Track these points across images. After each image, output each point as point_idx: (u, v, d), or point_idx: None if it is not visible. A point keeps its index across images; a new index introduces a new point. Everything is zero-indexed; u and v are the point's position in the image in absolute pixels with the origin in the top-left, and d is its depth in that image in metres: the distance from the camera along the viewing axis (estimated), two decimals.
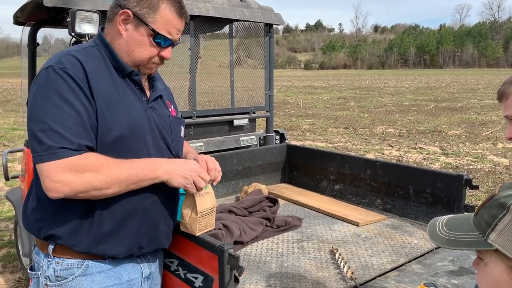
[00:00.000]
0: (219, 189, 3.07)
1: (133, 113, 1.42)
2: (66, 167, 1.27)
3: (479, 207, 0.79)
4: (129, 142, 1.40)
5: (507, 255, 0.71)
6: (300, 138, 10.66)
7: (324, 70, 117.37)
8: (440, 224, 0.86)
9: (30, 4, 2.75)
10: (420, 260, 2.06)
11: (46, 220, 1.40)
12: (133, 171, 1.35)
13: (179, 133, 1.63)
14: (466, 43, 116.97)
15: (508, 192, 0.74)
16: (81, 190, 1.29)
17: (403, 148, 9.23)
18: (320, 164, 3.20)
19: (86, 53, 1.41)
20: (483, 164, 7.67)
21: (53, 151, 1.26)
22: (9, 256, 4.10)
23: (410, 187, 2.63)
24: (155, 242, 1.53)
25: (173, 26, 1.44)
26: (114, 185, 1.32)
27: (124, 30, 1.43)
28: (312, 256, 2.12)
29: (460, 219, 0.84)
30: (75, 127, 1.29)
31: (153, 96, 1.53)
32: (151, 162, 1.41)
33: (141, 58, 1.45)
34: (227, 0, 3.12)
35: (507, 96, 1.19)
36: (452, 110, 16.20)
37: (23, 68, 3.35)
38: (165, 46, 1.46)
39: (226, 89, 3.40)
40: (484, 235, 0.74)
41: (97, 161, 1.31)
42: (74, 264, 1.41)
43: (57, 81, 1.30)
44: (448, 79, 43.78)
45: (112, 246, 1.42)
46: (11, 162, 6.92)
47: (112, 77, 1.42)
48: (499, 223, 0.72)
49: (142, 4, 1.40)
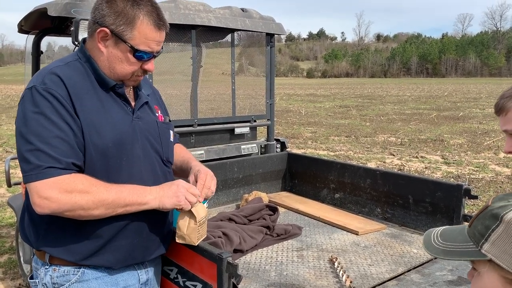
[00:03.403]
0: (220, 197, 3.08)
1: (118, 126, 1.43)
2: (55, 185, 1.29)
3: (473, 218, 0.80)
4: (115, 155, 1.41)
5: (500, 265, 0.72)
6: (302, 146, 10.67)
7: (327, 78, 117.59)
8: (435, 235, 0.87)
9: (35, 13, 2.79)
10: (419, 269, 2.07)
11: (39, 234, 1.43)
12: (121, 195, 1.36)
13: (168, 138, 1.64)
14: (468, 52, 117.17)
15: (501, 203, 0.76)
16: (68, 208, 1.31)
17: (405, 157, 9.22)
18: (320, 173, 3.22)
19: (69, 68, 1.42)
20: (485, 174, 7.66)
21: (41, 170, 1.29)
22: (10, 262, 4.11)
23: (409, 196, 2.64)
24: (149, 251, 1.54)
25: (152, 40, 1.42)
26: (100, 206, 1.33)
27: (104, 47, 1.43)
28: (312, 264, 2.13)
29: (455, 230, 0.86)
30: (62, 146, 1.32)
31: (138, 105, 1.53)
32: (140, 188, 1.41)
33: (123, 73, 1.45)
34: (229, 10, 3.15)
35: (506, 110, 1.19)
36: (454, 119, 16.20)
37: (27, 75, 3.38)
38: (146, 59, 1.46)
39: (227, 97, 3.42)
40: (478, 245, 0.76)
41: (86, 181, 1.33)
42: (70, 270, 1.43)
43: (41, 102, 1.32)
44: (450, 88, 43.81)
45: (105, 259, 1.44)
46: (13, 169, 6.94)
47: (96, 91, 1.43)
48: (492, 234, 0.74)
49: (119, 21, 1.38)
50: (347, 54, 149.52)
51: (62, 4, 2.38)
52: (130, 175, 1.46)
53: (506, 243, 0.72)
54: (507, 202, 0.75)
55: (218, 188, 3.01)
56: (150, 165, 1.53)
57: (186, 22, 2.79)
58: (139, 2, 1.39)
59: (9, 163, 3.51)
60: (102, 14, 1.39)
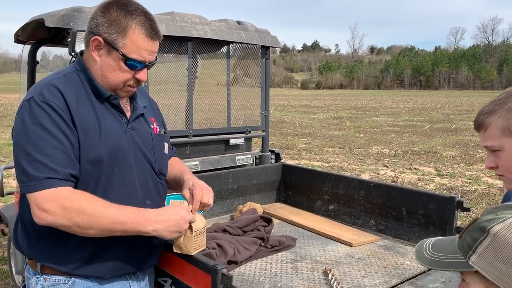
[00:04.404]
0: (214, 208, 3.08)
1: (112, 137, 1.45)
2: (53, 197, 1.30)
3: (463, 230, 0.83)
4: (109, 165, 1.43)
5: (486, 277, 0.74)
6: (296, 157, 10.70)
7: (321, 89, 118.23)
8: (427, 246, 0.89)
9: (31, 24, 2.81)
10: (412, 281, 2.08)
11: (30, 243, 1.44)
12: (119, 219, 1.35)
13: (162, 150, 1.66)
14: (461, 65, 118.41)
15: (489, 216, 0.78)
16: (64, 223, 1.32)
17: (398, 169, 9.27)
18: (314, 184, 3.23)
19: (66, 79, 1.44)
20: (478, 186, 7.72)
21: (39, 181, 1.30)
22: (2, 273, 4.07)
23: (403, 208, 2.65)
24: (140, 262, 1.55)
25: (144, 49, 1.44)
26: (96, 228, 1.34)
27: (98, 56, 1.45)
28: (306, 276, 2.13)
29: (446, 241, 0.88)
30: (60, 157, 1.33)
31: (133, 116, 1.55)
32: (141, 214, 1.40)
33: (115, 82, 1.46)
34: (225, 22, 3.18)
35: (486, 127, 1.20)
36: (447, 131, 16.33)
37: (22, 84, 3.40)
38: (139, 69, 1.46)
39: (223, 108, 3.44)
40: (466, 257, 0.78)
41: (84, 199, 1.33)
42: (61, 280, 1.44)
43: (39, 113, 1.34)
44: (443, 101, 44.20)
45: (96, 269, 1.45)
46: (6, 178, 6.90)
47: (92, 102, 1.45)
48: (479, 246, 0.76)
49: (112, 29, 1.41)
50: (341, 66, 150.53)
51: (59, 15, 2.40)
52: (122, 184, 1.47)
53: (491, 255, 0.74)
54: (495, 216, 0.77)
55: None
56: (142, 175, 1.54)
57: (182, 34, 2.82)
58: (132, 12, 1.42)
59: (2, 173, 3.49)
60: (96, 23, 1.43)
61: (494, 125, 1.18)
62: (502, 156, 1.19)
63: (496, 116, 1.17)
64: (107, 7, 1.42)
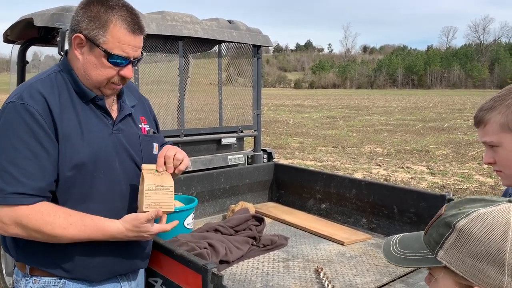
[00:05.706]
0: (206, 208, 3.07)
1: (95, 141, 1.41)
2: (13, 214, 1.29)
3: (428, 226, 0.84)
4: (92, 169, 1.40)
5: (455, 271, 0.76)
6: (289, 156, 10.71)
7: (314, 89, 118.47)
8: (393, 243, 0.90)
9: (21, 23, 2.78)
10: (404, 279, 2.09)
11: (18, 246, 1.43)
12: (80, 238, 1.36)
13: (151, 151, 1.59)
14: (453, 64, 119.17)
15: (453, 211, 0.79)
16: (25, 237, 1.34)
17: (391, 168, 9.31)
18: (306, 183, 3.23)
19: (50, 80, 1.41)
20: (469, 184, 7.77)
21: (3, 195, 1.28)
22: None
23: (394, 206, 2.67)
24: (129, 266, 1.54)
25: (127, 44, 1.38)
26: (60, 240, 1.35)
27: (80, 54, 1.40)
28: (297, 275, 2.13)
29: (411, 238, 0.89)
30: (30, 169, 1.30)
31: (120, 117, 1.50)
32: (104, 228, 1.39)
33: (98, 80, 1.41)
34: (216, 21, 3.18)
35: (485, 123, 1.22)
36: (439, 130, 16.43)
37: (12, 84, 3.37)
38: (123, 65, 1.41)
39: (215, 107, 3.43)
40: (433, 252, 0.79)
41: (42, 219, 1.31)
42: (51, 281, 1.42)
43: (15, 121, 1.31)
44: (436, 100, 44.48)
45: (84, 274, 1.43)
46: None
47: (74, 105, 1.41)
48: (446, 241, 0.77)
49: (92, 25, 1.36)
50: (334, 66, 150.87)
51: (49, 15, 2.38)
52: (108, 188, 1.44)
53: (459, 250, 0.75)
54: (458, 210, 0.78)
55: (204, 199, 3.01)
56: (129, 178, 1.50)
57: (173, 33, 2.81)
58: (113, 6, 1.37)
59: None
60: (77, 20, 1.38)
61: (493, 121, 1.20)
62: (500, 152, 1.21)
63: (495, 112, 1.20)
64: (88, 3, 1.38)
